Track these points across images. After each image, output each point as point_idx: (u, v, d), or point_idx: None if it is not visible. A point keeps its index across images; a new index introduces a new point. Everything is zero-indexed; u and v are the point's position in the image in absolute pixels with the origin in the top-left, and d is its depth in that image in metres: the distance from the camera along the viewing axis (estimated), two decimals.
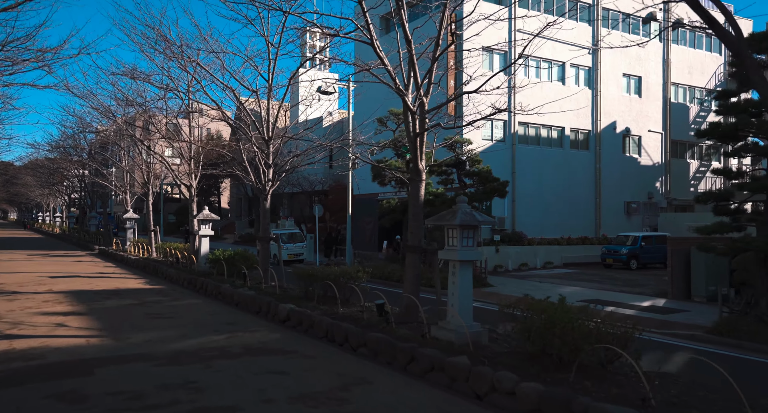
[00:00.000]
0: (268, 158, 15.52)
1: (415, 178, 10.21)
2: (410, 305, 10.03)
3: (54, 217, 68.72)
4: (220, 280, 16.41)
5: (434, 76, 10.30)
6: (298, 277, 13.41)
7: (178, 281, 18.59)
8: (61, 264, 25.25)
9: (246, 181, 18.79)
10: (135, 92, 20.56)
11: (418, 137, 10.10)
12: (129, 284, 18.24)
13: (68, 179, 47.84)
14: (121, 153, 29.17)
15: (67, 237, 48.35)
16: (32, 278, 19.39)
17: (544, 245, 29.48)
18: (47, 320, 11.87)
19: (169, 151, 27.64)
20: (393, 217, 28.08)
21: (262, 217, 15.86)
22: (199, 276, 17.46)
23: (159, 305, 13.99)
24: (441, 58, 10.38)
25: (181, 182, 20.96)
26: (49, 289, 16.77)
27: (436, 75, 10.48)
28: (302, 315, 11.23)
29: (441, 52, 9.81)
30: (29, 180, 56.41)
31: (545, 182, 31.89)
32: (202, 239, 19.59)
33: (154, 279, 19.85)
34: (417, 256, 10.22)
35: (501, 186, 24.54)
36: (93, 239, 38.23)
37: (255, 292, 14.00)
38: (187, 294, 16.22)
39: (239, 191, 64.89)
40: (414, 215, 10.18)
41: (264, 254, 15.83)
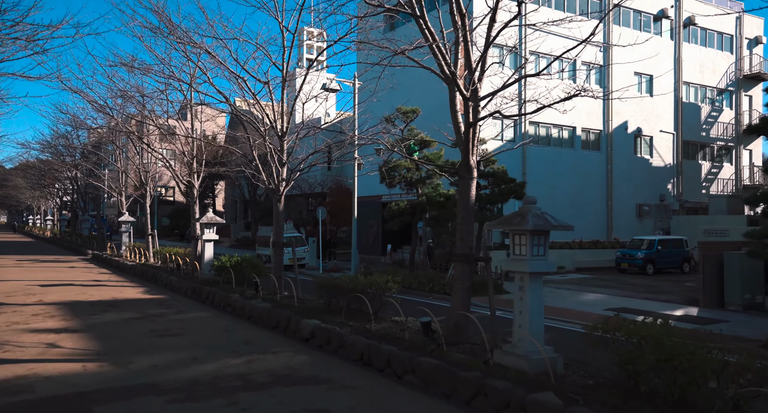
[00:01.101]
0: (282, 155, 14.02)
1: (465, 175, 8.75)
2: (460, 324, 8.57)
3: (45, 220, 66.62)
4: (228, 289, 14.86)
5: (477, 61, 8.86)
6: (321, 288, 11.91)
7: (181, 291, 17.02)
8: (52, 271, 23.55)
9: (255, 182, 17.26)
10: (133, 88, 18.96)
11: (471, 128, 8.64)
12: (127, 294, 16.63)
13: (60, 180, 45.99)
14: (117, 152, 27.49)
15: (58, 241, 46.45)
16: (21, 287, 17.74)
17: (556, 249, 28.19)
18: (37, 339, 10.29)
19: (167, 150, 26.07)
20: (401, 220, 26.58)
21: (275, 220, 14.35)
22: (203, 285, 15.91)
23: (163, 320, 12.42)
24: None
25: (183, 182, 19.37)
26: (40, 300, 15.15)
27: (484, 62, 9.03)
28: (330, 333, 9.73)
29: (503, 27, 8.36)
30: (19, 182, 54.42)
31: (556, 184, 30.58)
32: (206, 245, 18.02)
33: (153, 288, 18.25)
34: (468, 266, 8.75)
35: (518, 187, 23.13)
36: (86, 243, 36.48)
37: (270, 304, 12.47)
38: (192, 306, 14.65)
39: (234, 193, 63.27)
40: (464, 218, 8.71)
41: (277, 261, 14.30)
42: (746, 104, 37.05)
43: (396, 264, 27.61)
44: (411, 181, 25.56)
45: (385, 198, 34.75)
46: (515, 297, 7.58)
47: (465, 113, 8.73)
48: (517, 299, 7.55)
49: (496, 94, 8.76)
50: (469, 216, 8.73)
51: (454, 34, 9.00)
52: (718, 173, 35.91)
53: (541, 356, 7.02)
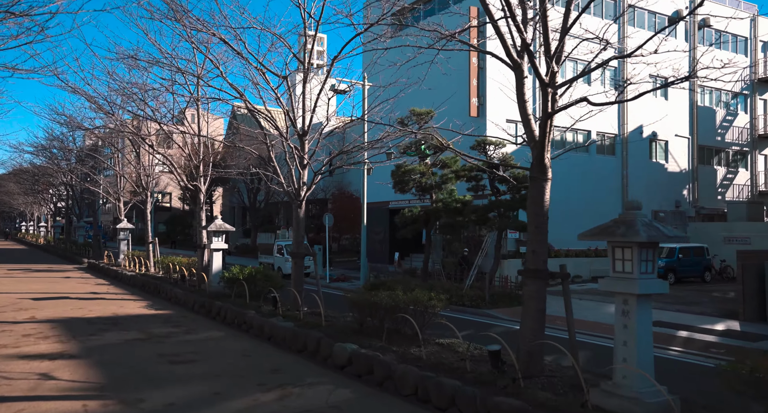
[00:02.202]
0: (303, 156, 12.57)
1: (539, 176, 7.33)
2: (534, 353, 7.14)
3: (38, 227, 64.67)
4: (242, 304, 13.35)
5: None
6: (354, 305, 10.43)
7: (187, 305, 15.47)
8: (45, 281, 21.91)
9: (273, 185, 15.81)
10: (135, 86, 17.44)
11: (549, 119, 7.24)
12: (129, 309, 15.08)
13: (54, 186, 44.23)
14: (115, 155, 25.90)
15: (52, 249, 44.61)
16: (11, 301, 16.15)
17: (572, 258, 26.86)
18: (28, 367, 8.76)
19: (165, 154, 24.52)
20: (415, 227, 25.12)
21: (295, 228, 12.87)
22: (213, 299, 14.38)
23: (172, 341, 10.89)
24: None
25: (189, 185, 17.83)
26: (32, 316, 13.58)
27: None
28: (372, 361, 8.25)
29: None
30: (12, 187, 52.55)
31: (571, 189, 29.27)
32: (214, 254, 16.49)
33: (157, 301, 16.69)
34: (542, 283, 7.32)
35: None
36: (81, 251, 34.75)
37: (293, 323, 10.98)
38: (202, 323, 13.12)
39: (233, 199, 61.69)
40: (537, 227, 7.29)
41: (297, 274, 12.80)
42: (761, 107, 35.97)
43: (407, 273, 26.12)
44: (424, 186, 24.16)
45: (393, 205, 33.34)
46: (617, 325, 6.15)
47: (544, 101, 7.32)
48: (619, 327, 6.12)
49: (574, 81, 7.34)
50: (543, 225, 7.31)
51: (521, 10, 7.59)
52: (734, 178, 34.74)
53: (657, 398, 5.60)
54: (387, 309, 9.82)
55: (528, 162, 7.82)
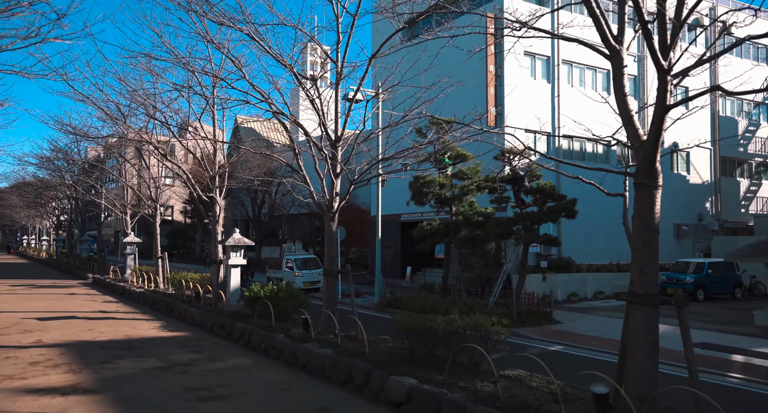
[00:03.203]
0: (336, 164, 11.40)
1: (648, 183, 6.16)
2: (647, 396, 5.88)
3: (40, 240, 63.19)
4: (267, 327, 12.07)
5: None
6: (403, 331, 9.16)
7: (205, 326, 14.17)
8: (50, 299, 20.57)
9: (299, 197, 14.61)
10: (146, 92, 16.32)
11: (666, 113, 6.08)
12: (142, 331, 13.77)
13: (57, 199, 42.93)
14: (122, 166, 24.69)
15: (55, 263, 43.17)
16: (15, 321, 14.83)
17: (593, 272, 25.71)
18: (38, 405, 7.49)
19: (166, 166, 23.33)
20: (434, 240, 23.91)
21: (327, 243, 11.63)
22: (233, 320, 13.09)
23: (196, 371, 9.60)
24: None
25: (204, 197, 16.59)
26: (38, 340, 12.27)
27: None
28: (440, 400, 6.98)
29: None
30: (14, 200, 51.18)
31: (591, 202, 28.04)
32: (232, 270, 15.24)
33: (170, 322, 15.38)
34: (654, 310, 6.09)
35: (570, 204, 20.58)
36: (85, 266, 33.35)
37: (331, 350, 9.71)
38: (225, 348, 11.82)
39: (235, 212, 60.44)
40: (647, 243, 6.09)
41: (330, 293, 11.53)
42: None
43: (424, 289, 24.83)
44: (444, 198, 23.01)
45: (405, 218, 32.14)
46: None
47: (661, 91, 6.16)
48: None
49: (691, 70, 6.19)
50: (653, 240, 6.12)
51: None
52: (757, 191, 33.62)
53: None
54: (442, 336, 8.59)
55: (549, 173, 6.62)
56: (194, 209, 60.61)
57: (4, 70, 11.36)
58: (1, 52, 11.26)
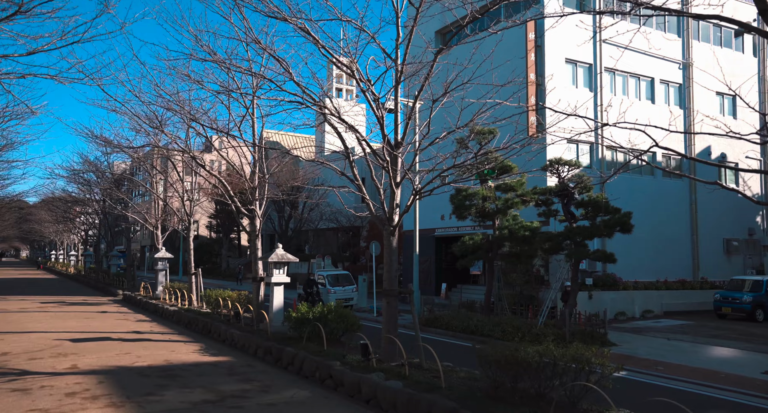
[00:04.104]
0: (394, 173, 10.32)
1: None
2: None
3: (68, 255, 63.06)
4: (318, 352, 10.95)
5: None
6: (487, 361, 7.94)
7: (248, 350, 13.06)
8: (82, 317, 19.69)
9: (350, 209, 13.56)
10: (182, 100, 15.48)
11: None
12: (182, 354, 12.72)
13: (86, 214, 42.50)
14: (153, 179, 23.93)
15: (83, 279, 42.64)
16: (48, 343, 13.90)
17: (641, 290, 24.20)
18: None
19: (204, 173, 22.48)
20: (477, 256, 22.66)
21: (386, 260, 10.50)
22: (279, 344, 11.98)
23: (251, 405, 8.48)
24: None
25: (243, 210, 15.61)
26: (74, 365, 11.28)
27: None
28: None
29: None
30: (43, 215, 51.00)
31: (636, 216, 26.61)
32: (275, 289, 14.17)
33: (209, 344, 14.32)
34: None
35: (625, 218, 19.22)
36: (114, 282, 32.61)
37: (402, 382, 8.53)
38: (276, 376, 10.70)
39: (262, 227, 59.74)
40: None
41: (391, 316, 10.36)
42: None
43: (464, 307, 23.51)
44: (486, 212, 21.80)
45: (439, 232, 30.96)
46: None
47: None
48: None
49: None
50: None
51: None
52: None
53: None
54: (536, 368, 7.38)
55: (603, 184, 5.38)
56: (219, 224, 60.05)
57: (38, 74, 10.58)
58: (36, 54, 10.44)
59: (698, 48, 28.69)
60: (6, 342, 14.10)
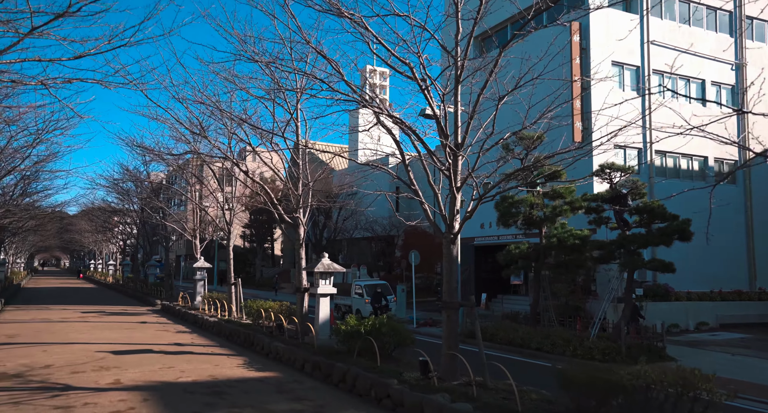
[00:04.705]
0: (455, 176, 9.57)
1: None
2: None
3: (107, 265, 63.82)
4: (371, 368, 10.19)
5: None
6: (571, 384, 7.06)
7: (294, 364, 12.38)
8: (122, 328, 19.36)
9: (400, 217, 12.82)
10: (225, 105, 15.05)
11: None
12: (226, 369, 12.10)
13: (125, 223, 42.76)
14: (195, 186, 23.64)
15: (121, 288, 42.83)
16: (90, 355, 13.47)
17: (694, 301, 22.80)
18: None
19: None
20: (523, 265, 21.66)
21: (446, 270, 9.70)
22: (330, 359, 11.26)
23: None
24: None
25: (286, 217, 15.02)
26: (117, 380, 10.75)
27: None
28: None
29: None
30: (83, 225, 51.65)
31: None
32: (321, 300, 13.49)
33: (253, 358, 13.69)
34: None
35: (684, 225, 18.06)
36: (152, 292, 32.48)
37: (471, 405, 7.70)
38: (328, 395, 9.98)
39: (293, 236, 59.46)
40: None
41: (451, 330, 9.55)
42: None
43: (507, 318, 22.46)
44: (534, 220, 20.82)
45: (478, 241, 30.01)
46: None
47: None
48: None
49: None
50: None
51: None
52: None
53: None
54: (630, 392, 6.48)
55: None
56: (253, 234, 59.99)
57: (85, 79, 10.15)
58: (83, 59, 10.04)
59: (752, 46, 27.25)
60: (49, 354, 13.73)
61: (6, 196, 24.74)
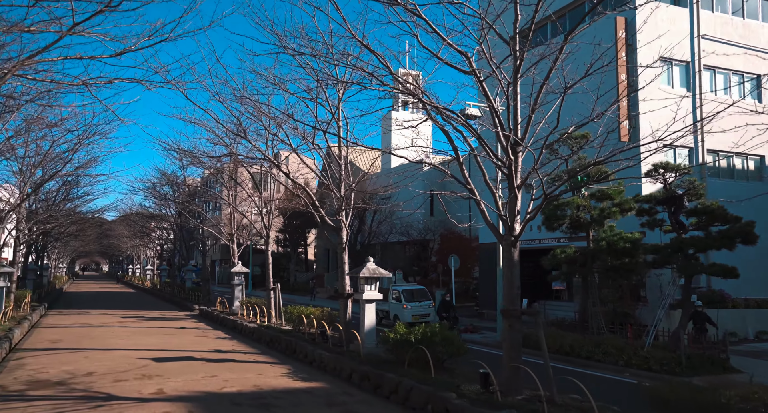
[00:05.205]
0: (515, 173, 8.87)
1: None
2: None
3: (144, 269, 64.62)
4: (425, 380, 9.52)
5: None
6: (667, 405, 6.26)
7: (341, 374, 11.79)
8: (162, 334, 19.11)
9: (452, 219, 12.15)
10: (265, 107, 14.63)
11: None
12: (270, 379, 11.58)
13: (162, 228, 43.06)
14: (233, 189, 23.37)
15: (159, 292, 43.08)
16: (131, 362, 13.13)
17: (752, 308, 21.43)
18: None
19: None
20: (569, 269, 20.72)
21: (506, 276, 8.99)
22: (378, 369, 10.63)
23: None
24: None
25: (328, 220, 14.49)
26: (159, 390, 10.32)
27: None
28: None
29: None
30: (122, 231, 52.33)
31: None
32: (366, 306, 12.89)
33: (297, 366, 13.15)
34: None
35: (748, 228, 16.92)
36: (189, 297, 32.42)
37: None
38: (380, 408, 9.39)
39: (326, 242, 59.25)
40: None
41: (514, 341, 8.80)
42: None
43: (553, 324, 21.44)
44: (581, 222, 19.88)
45: (522, 245, 29.07)
46: None
47: None
48: None
49: None
50: None
51: None
52: None
53: None
54: None
55: None
56: (287, 238, 59.94)
57: (125, 79, 9.83)
58: (122, 61, 9.71)
59: None
60: (91, 360, 13.46)
61: (49, 201, 24.92)
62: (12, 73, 8.20)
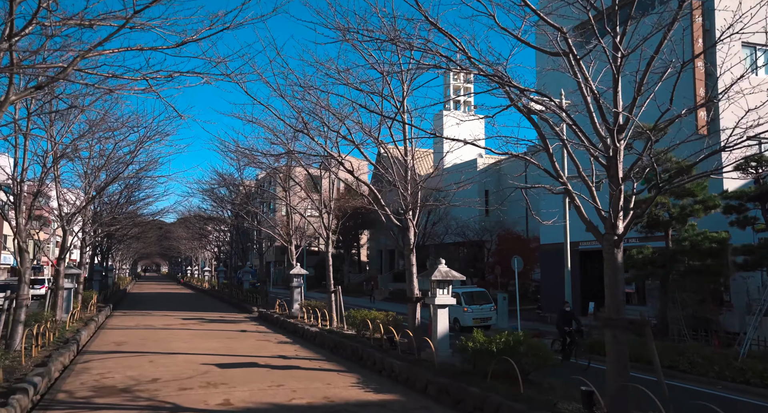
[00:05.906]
0: (617, 164, 7.76)
1: None
2: None
3: (203, 271, 65.67)
4: (514, 396, 8.49)
5: None
6: None
7: (415, 385, 10.87)
8: (223, 337, 18.72)
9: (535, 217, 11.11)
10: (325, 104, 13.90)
11: None
12: (339, 389, 10.79)
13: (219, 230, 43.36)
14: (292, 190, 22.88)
15: (217, 294, 43.39)
16: (195, 368, 12.63)
17: None
18: None
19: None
20: (646, 272, 19.18)
21: (610, 281, 7.88)
22: (457, 381, 9.66)
23: None
24: None
25: (394, 219, 13.64)
26: (226, 400, 9.69)
27: None
28: None
29: None
30: (180, 233, 53.21)
31: None
32: (439, 312, 11.94)
33: (365, 374, 12.32)
34: None
35: None
36: (247, 298, 32.29)
37: None
38: None
39: (379, 243, 58.53)
40: None
41: (619, 354, 7.65)
42: None
43: (635, 331, 19.66)
44: (659, 221, 18.33)
45: (583, 246, 27.40)
46: None
47: None
48: None
49: None
50: None
51: None
52: None
53: None
54: None
55: None
56: (340, 240, 59.63)
57: (185, 73, 9.30)
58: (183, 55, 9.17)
59: None
60: (155, 365, 13.06)
61: (112, 203, 25.17)
62: (74, 65, 7.72)
